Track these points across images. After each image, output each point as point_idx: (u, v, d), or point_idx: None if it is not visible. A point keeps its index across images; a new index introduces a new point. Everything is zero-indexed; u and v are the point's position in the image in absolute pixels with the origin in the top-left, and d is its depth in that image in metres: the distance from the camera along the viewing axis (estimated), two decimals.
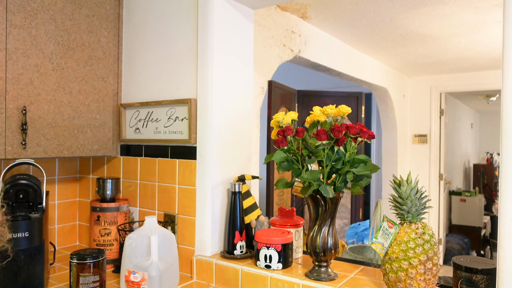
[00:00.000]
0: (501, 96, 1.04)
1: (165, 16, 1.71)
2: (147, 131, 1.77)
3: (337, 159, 1.24)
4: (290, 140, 1.29)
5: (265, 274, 1.38)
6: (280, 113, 1.35)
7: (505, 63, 1.03)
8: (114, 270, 1.65)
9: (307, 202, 1.36)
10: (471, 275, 1.10)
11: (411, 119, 5.25)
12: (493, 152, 8.26)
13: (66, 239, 1.98)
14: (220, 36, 1.59)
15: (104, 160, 1.93)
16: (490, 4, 2.63)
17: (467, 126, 8.32)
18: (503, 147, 1.03)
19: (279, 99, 3.39)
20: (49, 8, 1.56)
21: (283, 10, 2.68)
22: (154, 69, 1.75)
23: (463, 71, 4.85)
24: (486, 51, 3.83)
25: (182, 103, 1.64)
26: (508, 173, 1.02)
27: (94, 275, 1.32)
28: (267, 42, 2.52)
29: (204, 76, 1.57)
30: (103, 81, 1.77)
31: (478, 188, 7.29)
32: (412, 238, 1.12)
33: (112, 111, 1.82)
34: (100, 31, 1.75)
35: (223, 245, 1.61)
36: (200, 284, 1.53)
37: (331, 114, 1.29)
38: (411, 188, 1.15)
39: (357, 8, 2.67)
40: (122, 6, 1.85)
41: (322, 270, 1.32)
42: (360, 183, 1.25)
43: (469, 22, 2.96)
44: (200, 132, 1.59)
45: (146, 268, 1.36)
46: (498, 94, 5.94)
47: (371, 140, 1.27)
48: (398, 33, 3.25)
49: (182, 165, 1.65)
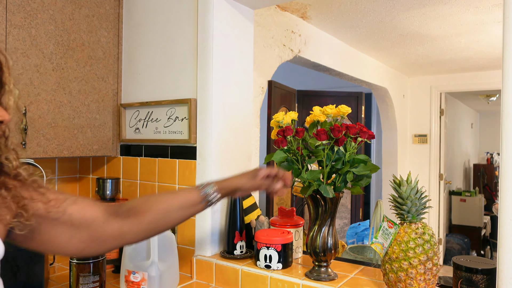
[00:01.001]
0: (501, 96, 1.04)
1: (165, 16, 1.71)
2: (147, 131, 1.77)
3: (337, 159, 1.23)
4: (290, 140, 1.29)
5: (265, 274, 1.38)
6: (280, 113, 1.35)
7: (505, 63, 1.02)
8: (114, 270, 1.65)
9: (307, 202, 1.36)
10: (471, 275, 1.10)
11: (411, 119, 5.25)
12: (493, 152, 8.26)
13: None
14: (220, 36, 1.59)
15: (104, 160, 1.93)
16: (490, 4, 2.63)
17: (467, 126, 8.32)
18: (503, 147, 1.03)
19: (279, 99, 3.39)
20: (49, 8, 1.56)
21: (283, 10, 2.68)
22: (154, 69, 1.75)
23: (463, 71, 4.85)
24: (486, 51, 3.83)
25: (182, 103, 1.64)
26: (508, 173, 1.02)
27: (94, 275, 1.32)
28: (267, 42, 2.52)
29: (204, 76, 1.57)
30: (103, 81, 1.77)
31: (478, 188, 7.28)
32: (412, 238, 1.12)
33: (112, 111, 1.82)
34: (100, 31, 1.75)
35: (223, 245, 1.61)
36: (200, 284, 1.53)
37: (331, 114, 1.29)
38: (411, 188, 1.15)
39: (357, 8, 2.67)
40: (122, 6, 1.85)
41: (322, 270, 1.32)
42: (360, 183, 1.25)
43: (469, 22, 2.96)
44: (200, 132, 1.59)
45: (146, 268, 1.36)
46: (498, 94, 5.95)
47: (371, 140, 1.27)
48: (398, 33, 3.25)
49: (182, 165, 1.65)
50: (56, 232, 0.88)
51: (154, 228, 1.00)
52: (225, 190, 1.06)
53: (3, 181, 0.79)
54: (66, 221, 0.88)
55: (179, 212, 1.01)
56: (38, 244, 0.88)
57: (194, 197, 1.03)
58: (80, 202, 0.92)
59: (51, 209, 0.86)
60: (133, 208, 0.99)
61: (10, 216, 0.80)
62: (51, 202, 0.86)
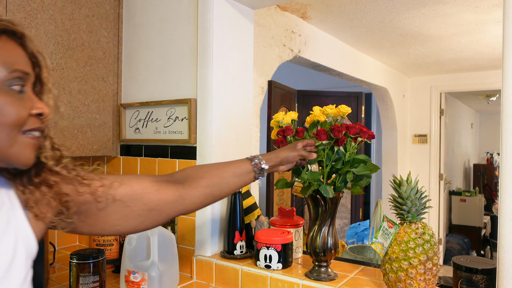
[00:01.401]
0: (501, 96, 1.04)
1: (165, 16, 1.71)
2: (147, 131, 1.77)
3: (337, 159, 1.23)
4: (290, 140, 1.29)
5: (265, 274, 1.38)
6: (280, 113, 1.35)
7: (505, 63, 1.02)
8: (114, 270, 1.65)
9: (307, 202, 1.36)
10: (471, 275, 1.10)
11: (411, 119, 5.25)
12: (493, 152, 8.26)
13: (66, 239, 1.98)
14: (220, 36, 1.59)
15: (104, 160, 1.93)
16: (490, 4, 2.63)
17: (467, 126, 8.32)
18: (503, 147, 1.03)
19: (279, 99, 3.39)
20: (49, 8, 1.56)
21: (283, 10, 2.68)
22: (154, 69, 1.75)
23: (463, 71, 4.85)
24: (486, 51, 3.83)
25: (182, 103, 1.64)
26: (508, 173, 1.02)
27: (94, 275, 1.32)
28: (267, 42, 2.52)
29: (204, 76, 1.57)
30: (103, 81, 1.77)
31: (478, 188, 7.28)
32: (412, 238, 1.12)
33: (112, 111, 1.82)
34: (100, 31, 1.75)
35: (223, 245, 1.61)
36: (200, 284, 1.53)
37: (331, 114, 1.29)
38: (411, 188, 1.15)
39: (357, 8, 2.67)
40: (122, 6, 1.85)
41: (322, 270, 1.32)
42: (360, 183, 1.25)
43: (469, 22, 2.96)
44: (200, 132, 1.59)
45: (146, 268, 1.36)
46: (498, 94, 5.94)
47: (371, 140, 1.27)
48: (398, 33, 3.25)
49: (182, 165, 1.65)
50: (107, 213, 0.88)
51: (211, 192, 1.01)
52: (271, 163, 1.12)
53: (45, 178, 0.79)
54: (117, 202, 0.88)
55: (233, 178, 1.04)
56: (90, 227, 0.88)
57: (246, 166, 1.07)
58: (127, 181, 0.92)
59: (100, 198, 0.86)
60: (187, 174, 1.00)
61: (51, 214, 0.80)
62: (98, 191, 0.86)
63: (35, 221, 0.78)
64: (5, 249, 0.71)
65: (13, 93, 0.70)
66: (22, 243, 0.75)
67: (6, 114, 0.68)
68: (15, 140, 0.70)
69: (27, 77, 0.73)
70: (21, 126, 0.71)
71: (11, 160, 0.71)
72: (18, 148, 0.70)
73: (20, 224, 0.75)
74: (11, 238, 0.73)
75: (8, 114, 0.68)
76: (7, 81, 0.69)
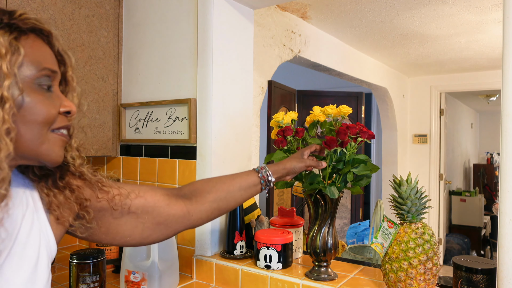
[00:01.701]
0: (501, 96, 1.04)
1: (165, 16, 1.71)
2: (147, 131, 1.77)
3: (338, 160, 1.23)
4: (290, 140, 1.29)
5: (265, 274, 1.38)
6: (280, 113, 1.35)
7: (505, 63, 1.02)
8: (114, 270, 1.65)
9: (307, 202, 1.36)
10: (471, 275, 1.10)
11: (411, 119, 5.25)
12: (493, 152, 8.26)
13: (66, 239, 1.98)
14: (220, 36, 1.59)
15: (104, 160, 1.93)
16: (490, 4, 2.63)
17: (467, 126, 8.32)
18: (503, 147, 1.03)
19: (279, 99, 3.39)
20: (49, 8, 1.55)
21: (283, 10, 2.68)
22: (154, 69, 1.75)
23: (463, 71, 4.85)
24: (486, 51, 3.83)
25: (182, 103, 1.64)
26: (508, 173, 1.02)
27: (94, 275, 1.32)
28: (267, 42, 2.52)
29: (204, 76, 1.57)
30: (103, 81, 1.77)
31: (478, 188, 7.28)
32: (412, 238, 1.12)
33: (112, 111, 1.82)
34: (100, 31, 1.75)
35: (223, 245, 1.61)
36: (200, 284, 1.53)
37: (331, 114, 1.29)
38: (411, 188, 1.15)
39: (357, 8, 2.67)
40: (122, 6, 1.84)
41: (322, 270, 1.32)
42: (360, 183, 1.25)
43: (469, 22, 2.96)
44: (200, 132, 1.59)
45: (146, 268, 1.36)
46: (498, 94, 5.94)
47: (371, 140, 1.26)
48: (398, 33, 3.25)
49: (182, 165, 1.65)
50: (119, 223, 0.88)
51: (218, 207, 1.02)
52: (278, 174, 1.12)
53: (68, 182, 0.79)
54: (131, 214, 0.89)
55: (240, 192, 1.05)
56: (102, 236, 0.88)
57: (253, 179, 1.07)
58: (143, 193, 0.92)
59: (117, 207, 0.87)
60: (195, 189, 1.01)
61: (72, 218, 0.80)
62: (115, 199, 0.86)
63: (56, 224, 0.78)
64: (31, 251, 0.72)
65: (42, 91, 0.70)
66: (44, 245, 0.75)
67: (37, 112, 0.68)
68: (46, 138, 0.70)
69: (54, 75, 0.73)
70: (51, 124, 0.71)
71: (42, 157, 0.71)
72: (49, 145, 0.71)
73: (42, 226, 0.76)
74: (36, 240, 0.73)
75: (40, 112, 0.68)
76: (36, 79, 0.69)
